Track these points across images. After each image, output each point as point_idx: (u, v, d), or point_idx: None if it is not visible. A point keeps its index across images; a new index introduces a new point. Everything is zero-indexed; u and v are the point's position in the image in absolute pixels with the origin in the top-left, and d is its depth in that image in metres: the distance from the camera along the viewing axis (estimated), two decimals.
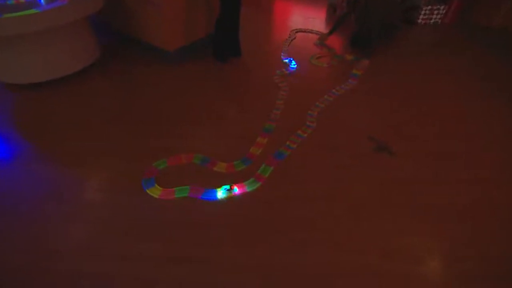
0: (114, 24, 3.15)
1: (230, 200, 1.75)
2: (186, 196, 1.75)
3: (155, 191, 1.76)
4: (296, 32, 3.77)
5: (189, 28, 2.91)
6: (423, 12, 3.92)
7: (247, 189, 1.81)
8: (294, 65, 3.04)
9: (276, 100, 2.56)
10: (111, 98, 2.57)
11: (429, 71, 3.05)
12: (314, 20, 4.14)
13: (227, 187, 1.79)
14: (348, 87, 2.77)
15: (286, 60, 3.13)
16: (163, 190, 1.77)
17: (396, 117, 2.43)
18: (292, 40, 3.57)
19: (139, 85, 2.70)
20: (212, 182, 1.83)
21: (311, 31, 3.80)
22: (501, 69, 3.11)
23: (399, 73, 3.03)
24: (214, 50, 3.05)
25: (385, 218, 1.68)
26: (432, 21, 4.00)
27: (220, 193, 1.77)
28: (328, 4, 4.76)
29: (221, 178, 1.86)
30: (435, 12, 3.92)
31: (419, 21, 4.00)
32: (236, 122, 2.36)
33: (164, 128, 2.24)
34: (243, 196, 1.78)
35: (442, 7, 3.88)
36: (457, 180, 1.91)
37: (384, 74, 2.98)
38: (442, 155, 2.09)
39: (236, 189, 1.79)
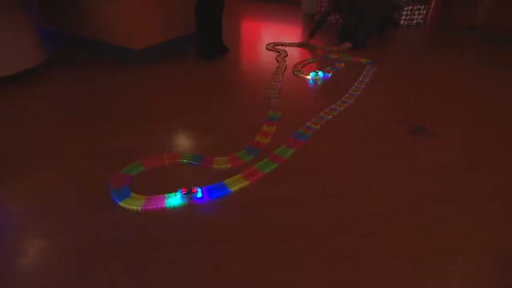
0: (70, 29, 2.68)
1: (230, 202, 1.22)
2: (184, 204, 1.19)
3: (134, 202, 1.19)
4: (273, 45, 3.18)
5: (161, 24, 2.51)
6: (404, 13, 3.86)
7: (263, 171, 1.37)
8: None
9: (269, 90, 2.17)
10: (55, 101, 2.00)
11: (429, 63, 2.85)
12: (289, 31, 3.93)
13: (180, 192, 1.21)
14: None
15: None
16: (148, 198, 1.21)
17: (417, 103, 2.09)
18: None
19: (96, 88, 2.19)
20: (216, 179, 1.30)
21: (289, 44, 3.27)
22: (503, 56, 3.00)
23: (402, 65, 2.80)
24: (198, 48, 2.61)
25: (452, 213, 1.23)
26: (414, 21, 3.96)
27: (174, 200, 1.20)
28: (304, 15, 4.66)
29: (225, 176, 1.34)
30: (416, 12, 3.89)
31: (402, 22, 3.94)
32: (226, 115, 1.89)
33: (130, 126, 1.73)
34: (252, 190, 1.26)
35: (422, 7, 3.86)
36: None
37: (389, 66, 2.71)
38: (486, 138, 1.74)
39: (199, 193, 1.20)
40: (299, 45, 3.24)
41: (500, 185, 1.34)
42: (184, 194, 1.19)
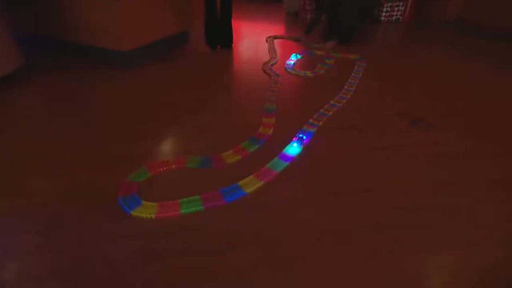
0: (52, 33, 2.50)
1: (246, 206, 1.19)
2: (201, 209, 1.14)
3: (147, 210, 1.12)
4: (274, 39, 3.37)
5: (147, 23, 2.42)
6: (385, 9, 3.97)
7: (275, 170, 1.37)
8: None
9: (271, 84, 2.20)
10: (46, 106, 1.87)
11: (414, 56, 2.95)
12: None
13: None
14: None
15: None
16: (161, 205, 1.15)
17: (411, 95, 2.15)
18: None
19: (89, 91, 2.06)
20: (226, 183, 1.27)
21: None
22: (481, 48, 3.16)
23: (390, 60, 2.87)
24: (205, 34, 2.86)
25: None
26: (394, 18, 4.08)
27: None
28: (286, 13, 4.68)
29: (238, 177, 1.30)
30: (396, 9, 4.01)
31: (382, 18, 4.04)
32: (224, 114, 1.87)
33: (129, 129, 1.65)
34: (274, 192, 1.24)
35: (401, 3, 3.98)
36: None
37: (377, 61, 2.78)
38: (484, 125, 1.81)
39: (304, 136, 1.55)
40: (294, 38, 3.34)
41: (498, 179, 1.39)
42: (297, 141, 1.49)
